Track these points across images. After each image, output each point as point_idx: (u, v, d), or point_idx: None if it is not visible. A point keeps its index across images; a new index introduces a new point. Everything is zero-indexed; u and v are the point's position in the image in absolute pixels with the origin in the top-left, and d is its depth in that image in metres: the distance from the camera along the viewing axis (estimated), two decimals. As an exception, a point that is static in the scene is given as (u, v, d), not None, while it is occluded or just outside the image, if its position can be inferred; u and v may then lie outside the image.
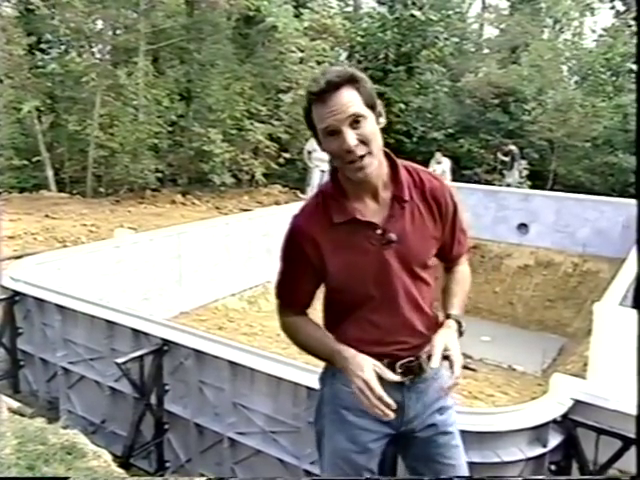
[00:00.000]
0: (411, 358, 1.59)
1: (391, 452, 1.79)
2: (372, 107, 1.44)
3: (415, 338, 1.60)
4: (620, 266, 5.26)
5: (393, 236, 1.52)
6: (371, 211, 1.53)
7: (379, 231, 1.52)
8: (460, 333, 1.60)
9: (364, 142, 1.41)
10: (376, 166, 1.46)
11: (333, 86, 1.39)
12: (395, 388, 1.57)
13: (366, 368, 1.44)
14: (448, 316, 1.64)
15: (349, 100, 1.40)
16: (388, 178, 1.54)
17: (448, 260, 1.73)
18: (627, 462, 2.22)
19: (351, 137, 1.39)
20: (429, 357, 1.59)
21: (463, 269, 1.78)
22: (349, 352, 1.50)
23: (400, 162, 1.57)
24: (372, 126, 1.43)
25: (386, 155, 1.55)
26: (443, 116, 14.47)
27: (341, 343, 1.57)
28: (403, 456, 1.80)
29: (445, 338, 1.52)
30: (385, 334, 1.58)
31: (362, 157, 1.41)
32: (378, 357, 1.55)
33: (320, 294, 1.68)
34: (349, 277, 1.55)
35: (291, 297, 1.67)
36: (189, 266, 6.22)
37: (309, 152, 10.51)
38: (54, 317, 3.73)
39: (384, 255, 1.53)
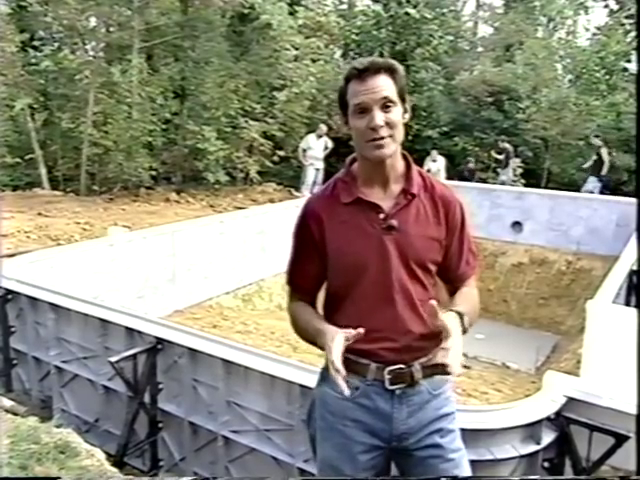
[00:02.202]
0: (402, 365, 1.54)
1: (388, 468, 1.70)
2: (402, 99, 1.51)
3: (406, 337, 1.55)
4: (613, 264, 5.28)
5: (394, 222, 1.53)
6: (378, 198, 1.56)
7: (382, 215, 1.54)
8: (464, 329, 1.49)
9: (390, 126, 1.47)
10: (393, 151, 1.52)
11: (374, 69, 1.48)
12: (383, 396, 1.55)
13: (335, 338, 1.42)
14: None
15: (385, 84, 1.48)
16: (401, 175, 1.58)
17: (453, 279, 1.67)
18: (620, 459, 2.24)
19: (379, 117, 1.46)
20: (424, 367, 1.56)
21: (470, 290, 1.68)
22: (327, 329, 1.48)
23: (416, 167, 1.62)
24: (399, 115, 1.50)
25: (403, 156, 1.60)
26: (438, 114, 14.48)
27: None
28: (402, 475, 1.72)
29: (458, 334, 1.42)
30: (375, 327, 1.53)
31: (384, 137, 1.47)
32: (365, 356, 1.54)
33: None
34: (346, 257, 1.55)
35: (296, 280, 1.68)
36: (183, 264, 6.20)
37: (304, 150, 10.51)
38: (47, 315, 3.71)
39: (383, 241, 1.53)
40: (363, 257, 1.53)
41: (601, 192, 9.93)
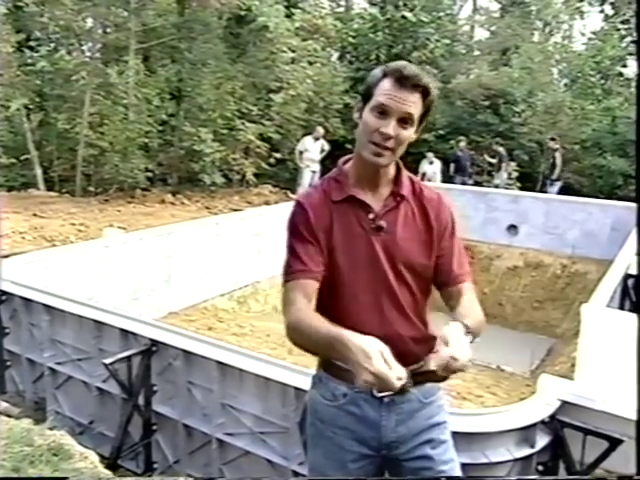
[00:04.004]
0: None
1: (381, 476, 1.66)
2: (420, 121, 1.50)
3: (395, 341, 1.44)
4: (608, 268, 5.30)
5: (383, 223, 1.53)
6: (368, 199, 1.55)
7: (371, 215, 1.53)
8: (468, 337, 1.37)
9: (397, 141, 1.46)
10: (389, 163, 1.52)
11: (416, 83, 1.44)
12: (371, 403, 1.53)
13: (373, 356, 1.21)
14: None
15: (415, 102, 1.45)
16: (391, 179, 1.58)
17: (447, 282, 1.60)
18: (613, 462, 2.24)
19: (394, 128, 1.44)
20: (414, 374, 1.50)
21: (472, 300, 1.56)
22: (350, 337, 1.27)
23: (406, 172, 1.62)
24: (410, 134, 1.48)
25: (395, 163, 1.60)
26: (434, 117, 14.50)
27: None
28: None
29: (448, 331, 1.32)
30: (362, 331, 1.44)
31: (387, 148, 1.46)
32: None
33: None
34: (335, 256, 1.52)
35: (304, 273, 1.49)
36: (178, 266, 6.19)
37: (300, 152, 10.53)
38: (41, 317, 3.69)
39: (372, 242, 1.52)
40: (351, 257, 1.51)
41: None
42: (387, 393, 1.51)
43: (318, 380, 1.63)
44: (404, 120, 1.44)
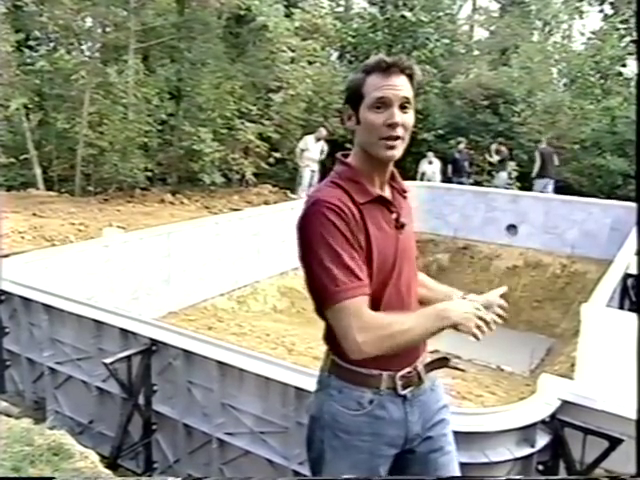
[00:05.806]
0: (409, 369, 1.53)
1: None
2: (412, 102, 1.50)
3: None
4: (607, 267, 5.30)
5: (405, 220, 1.54)
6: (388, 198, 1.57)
7: (394, 215, 1.53)
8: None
9: (404, 127, 1.45)
10: (400, 154, 1.49)
11: (400, 67, 1.44)
12: (395, 403, 1.53)
13: (468, 307, 1.44)
14: None
15: (406, 85, 1.46)
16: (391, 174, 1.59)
17: None
18: (613, 462, 2.24)
19: (399, 115, 1.43)
20: (425, 365, 1.58)
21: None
22: (446, 305, 1.44)
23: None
24: (412, 118, 1.48)
25: None
26: (433, 117, 14.51)
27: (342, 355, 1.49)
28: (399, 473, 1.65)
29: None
30: None
31: (397, 138, 1.44)
32: (376, 367, 1.49)
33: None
34: (376, 259, 1.45)
35: (361, 288, 1.39)
36: (178, 266, 6.19)
37: (302, 150, 10.52)
38: (41, 317, 3.69)
39: (399, 240, 1.51)
40: (384, 259, 1.47)
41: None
42: (409, 389, 1.54)
43: (337, 392, 1.55)
44: (404, 106, 1.45)
